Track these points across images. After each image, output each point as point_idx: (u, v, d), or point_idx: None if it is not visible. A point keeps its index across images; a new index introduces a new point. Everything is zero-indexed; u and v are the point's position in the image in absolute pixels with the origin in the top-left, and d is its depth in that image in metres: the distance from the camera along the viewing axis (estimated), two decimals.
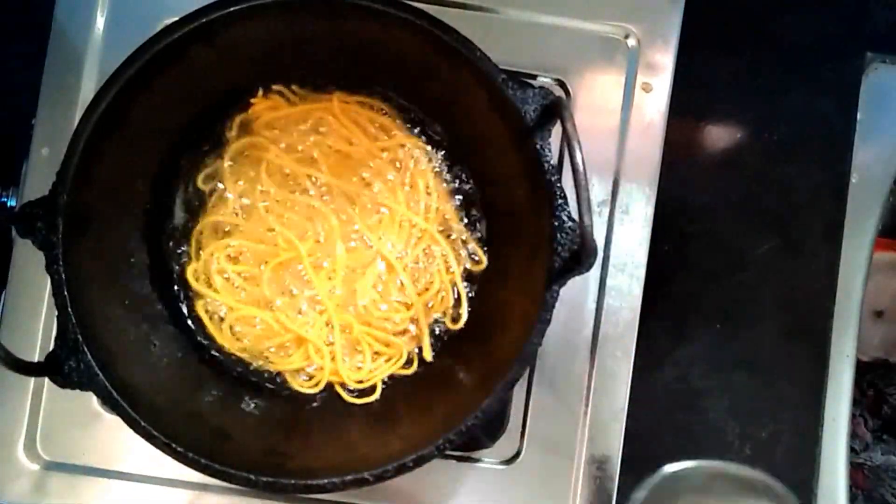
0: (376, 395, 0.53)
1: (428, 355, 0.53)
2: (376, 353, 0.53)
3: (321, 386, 0.53)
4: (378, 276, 0.53)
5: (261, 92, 0.53)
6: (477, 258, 0.54)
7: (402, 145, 0.53)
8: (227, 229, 0.53)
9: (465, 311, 0.54)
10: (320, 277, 0.52)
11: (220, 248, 0.52)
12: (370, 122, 0.53)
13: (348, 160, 0.53)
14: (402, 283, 0.53)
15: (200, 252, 0.53)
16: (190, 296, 0.53)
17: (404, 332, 0.54)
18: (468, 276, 0.54)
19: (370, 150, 0.53)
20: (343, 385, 0.53)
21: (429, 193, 0.53)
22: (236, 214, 0.53)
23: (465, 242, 0.54)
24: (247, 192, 0.53)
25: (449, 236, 0.54)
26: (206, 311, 0.53)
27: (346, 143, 0.53)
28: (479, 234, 0.54)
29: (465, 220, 0.54)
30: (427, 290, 0.53)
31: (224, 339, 0.53)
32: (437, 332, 0.54)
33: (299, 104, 0.53)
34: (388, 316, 0.53)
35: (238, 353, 0.53)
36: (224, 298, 0.52)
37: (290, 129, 0.53)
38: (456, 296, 0.54)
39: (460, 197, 0.55)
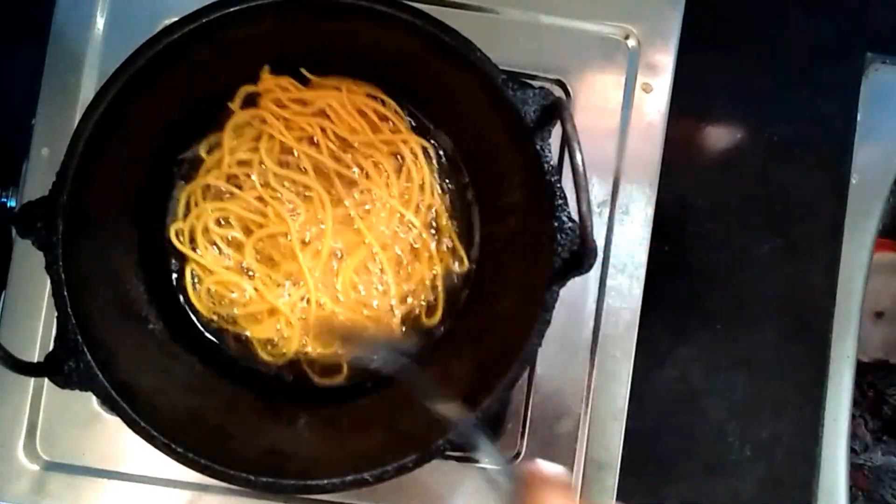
0: (342, 378, 0.53)
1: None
2: None
3: (287, 358, 0.53)
4: (361, 261, 0.53)
5: (268, 68, 0.53)
6: (461, 259, 0.54)
7: (405, 140, 0.54)
8: (219, 196, 0.53)
9: (441, 308, 0.54)
10: (305, 254, 0.52)
11: (211, 209, 0.52)
12: (375, 114, 0.54)
13: (349, 147, 0.54)
14: (383, 272, 0.53)
15: (188, 213, 0.53)
16: (182, 264, 0.54)
17: (378, 318, 0.54)
18: (464, 277, 0.54)
19: (371, 141, 0.53)
20: (311, 365, 0.53)
21: (423, 190, 0.54)
22: (231, 182, 0.53)
23: (452, 242, 0.54)
24: (244, 162, 0.53)
25: (437, 235, 0.54)
26: (191, 275, 0.53)
27: (349, 131, 0.53)
28: (470, 236, 0.55)
29: (459, 220, 0.55)
30: (407, 282, 0.54)
31: (199, 301, 0.53)
32: (437, 333, 0.54)
33: (308, 88, 0.53)
34: (365, 301, 0.53)
35: (209, 316, 0.53)
36: (205, 260, 0.53)
37: (295, 108, 0.53)
38: (434, 294, 0.54)
39: (454, 191, 0.55)
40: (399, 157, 0.54)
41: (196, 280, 0.53)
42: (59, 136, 0.54)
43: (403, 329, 0.54)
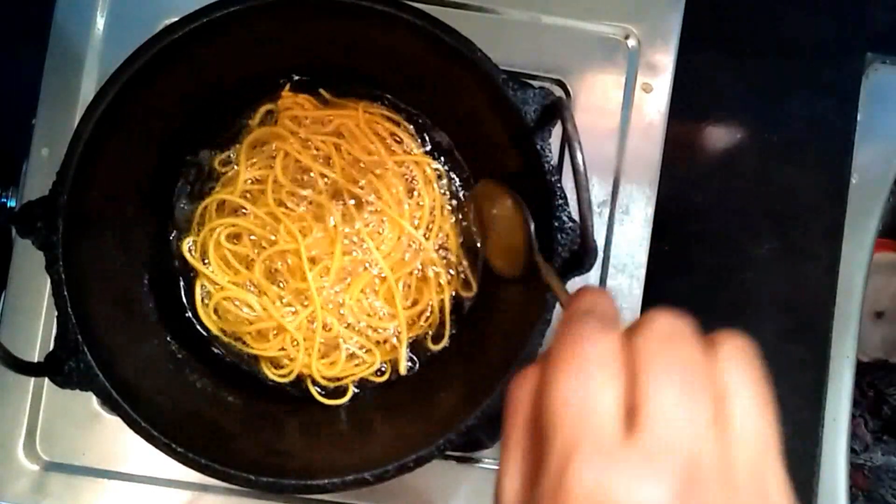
0: (346, 399, 0.53)
1: (402, 369, 0.53)
2: (351, 355, 0.53)
3: (292, 377, 0.53)
4: (369, 282, 0.53)
5: (288, 86, 0.53)
6: (469, 284, 0.54)
7: (417, 162, 0.54)
8: (233, 211, 0.53)
9: (447, 335, 0.54)
10: (314, 273, 0.52)
11: (224, 224, 0.52)
12: (390, 135, 0.54)
13: (362, 167, 0.53)
14: (390, 294, 0.53)
15: (202, 227, 0.53)
16: (191, 277, 0.53)
17: (385, 341, 0.54)
18: (472, 300, 0.55)
19: (385, 162, 0.53)
20: (315, 383, 0.53)
21: (433, 212, 0.54)
22: (244, 198, 0.53)
23: (459, 267, 0.54)
24: (259, 179, 0.53)
25: (445, 258, 0.54)
26: (201, 289, 0.53)
27: (364, 152, 0.53)
28: (475, 260, 0.55)
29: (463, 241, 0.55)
30: (414, 305, 0.54)
31: (207, 317, 0.53)
32: (436, 330, 0.54)
33: (327, 108, 0.54)
34: (371, 323, 0.53)
35: (217, 333, 0.53)
36: (215, 276, 0.52)
37: (312, 127, 0.53)
38: (442, 319, 0.54)
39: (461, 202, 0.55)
40: (412, 179, 0.54)
41: (205, 295, 0.53)
42: (59, 136, 0.54)
43: (410, 352, 0.54)
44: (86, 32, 0.56)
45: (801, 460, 0.59)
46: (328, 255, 0.53)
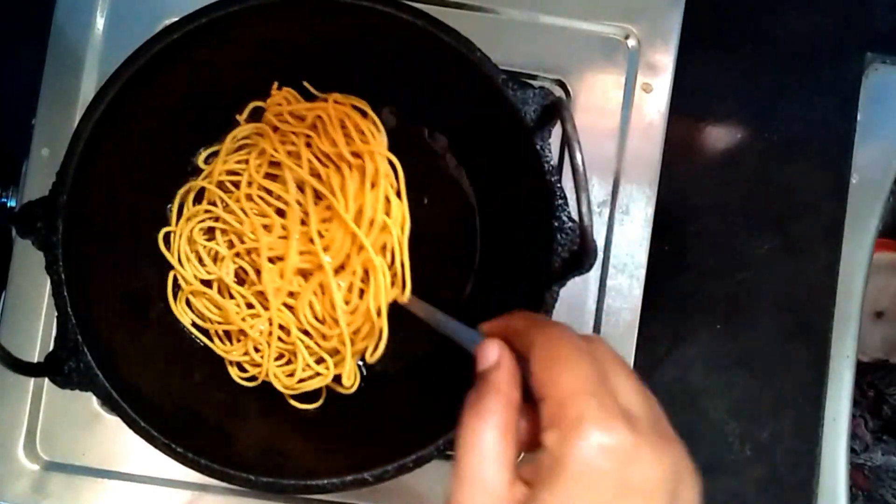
0: (319, 403, 0.52)
1: (346, 383, 0.51)
2: (308, 364, 0.51)
3: (257, 382, 0.52)
4: (319, 285, 0.51)
5: (276, 83, 0.52)
6: (405, 288, 0.50)
7: (371, 153, 0.50)
8: (210, 203, 0.52)
9: (383, 346, 0.50)
10: (271, 273, 0.51)
11: (199, 217, 0.52)
12: (354, 128, 0.51)
13: (328, 161, 0.52)
14: (326, 295, 0.50)
15: (179, 219, 0.52)
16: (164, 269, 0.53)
17: (336, 351, 0.51)
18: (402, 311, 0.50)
19: (343, 154, 0.51)
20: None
21: (378, 204, 0.50)
22: (221, 189, 0.52)
23: (402, 269, 0.50)
24: (235, 171, 0.52)
25: (391, 262, 0.51)
26: (173, 282, 0.52)
27: (331, 145, 0.51)
28: (472, 240, 0.53)
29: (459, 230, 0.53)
30: (355, 311, 0.50)
31: (178, 309, 0.52)
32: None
33: (308, 101, 0.53)
34: (322, 331, 0.51)
35: (188, 327, 0.52)
36: (184, 271, 0.52)
37: (292, 121, 0.52)
38: (380, 327, 0.50)
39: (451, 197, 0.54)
40: (365, 172, 0.50)
41: (178, 288, 0.52)
42: (59, 136, 0.54)
43: (358, 363, 0.52)
44: (86, 32, 0.56)
45: (801, 460, 0.59)
46: (286, 255, 0.51)
